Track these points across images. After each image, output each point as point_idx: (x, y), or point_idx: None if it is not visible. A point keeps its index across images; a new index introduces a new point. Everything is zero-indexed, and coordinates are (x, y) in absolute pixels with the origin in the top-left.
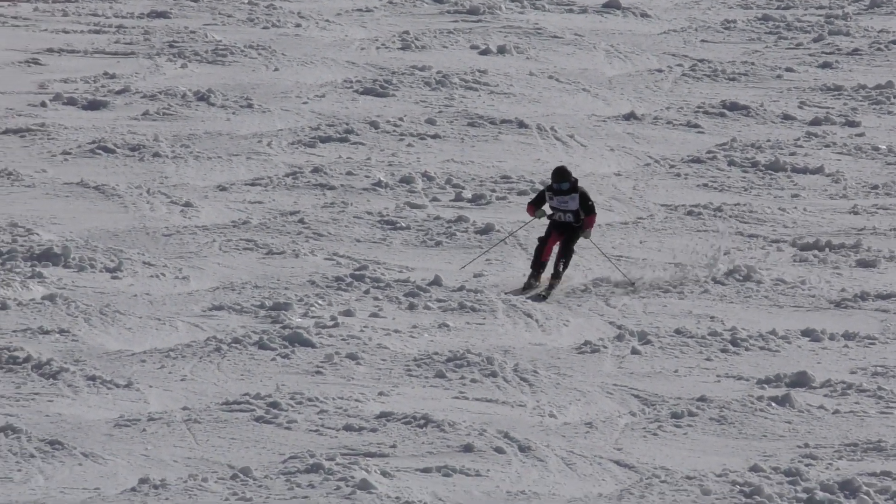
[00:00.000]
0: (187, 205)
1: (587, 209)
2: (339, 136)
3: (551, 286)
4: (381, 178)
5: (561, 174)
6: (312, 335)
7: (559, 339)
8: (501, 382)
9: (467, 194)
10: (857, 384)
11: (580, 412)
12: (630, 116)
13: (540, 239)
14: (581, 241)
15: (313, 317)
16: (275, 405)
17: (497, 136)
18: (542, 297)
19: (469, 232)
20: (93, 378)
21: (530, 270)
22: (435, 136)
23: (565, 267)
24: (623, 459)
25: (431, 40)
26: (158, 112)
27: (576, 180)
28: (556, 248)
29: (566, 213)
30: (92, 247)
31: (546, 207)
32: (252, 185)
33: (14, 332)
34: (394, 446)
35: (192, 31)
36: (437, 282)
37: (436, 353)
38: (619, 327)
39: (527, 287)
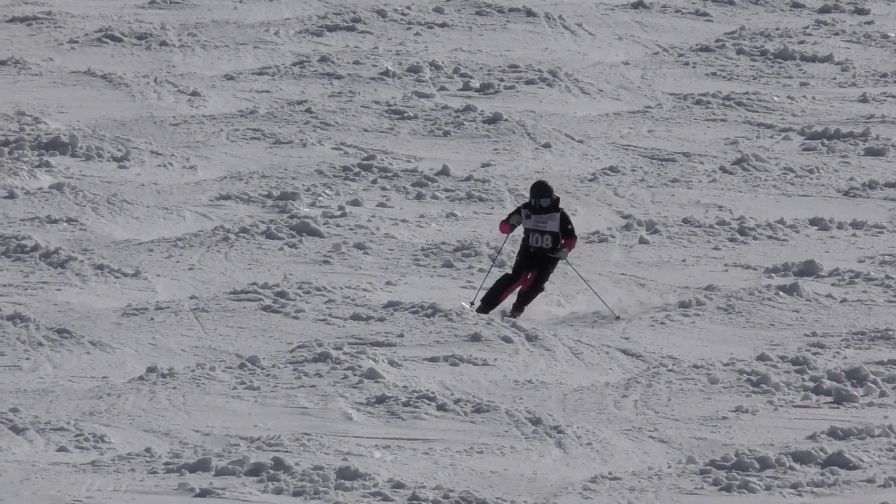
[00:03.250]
0: (194, 94)
1: (567, 233)
2: (346, 24)
3: (514, 315)
4: (389, 68)
5: (541, 189)
6: (320, 225)
7: None
8: (509, 272)
9: (475, 83)
10: (864, 273)
11: (588, 302)
12: (638, 5)
13: (504, 276)
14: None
15: (321, 206)
16: (282, 294)
17: (505, 25)
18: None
19: (477, 121)
20: (101, 267)
21: (478, 303)
22: (443, 25)
23: (527, 303)
24: (630, 349)
25: None
26: (165, 0)
27: (557, 198)
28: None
29: (543, 236)
30: (99, 136)
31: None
32: (259, 74)
33: (22, 220)
34: (401, 336)
35: None
36: (444, 171)
37: (443, 243)
38: (627, 217)
39: (479, 311)
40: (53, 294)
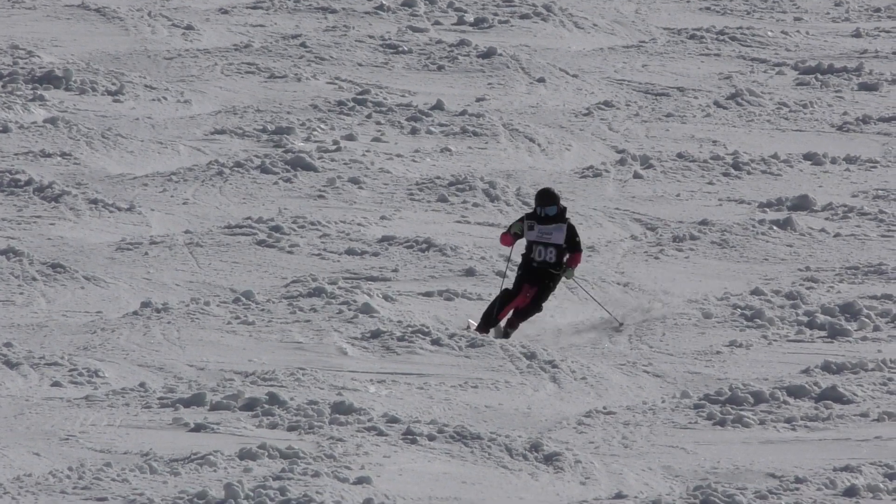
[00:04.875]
0: (189, 28)
1: (574, 246)
2: None
3: (507, 334)
4: (383, 2)
5: (547, 196)
6: (315, 159)
7: (561, 164)
8: (504, 206)
9: (469, 18)
10: (858, 207)
11: (582, 236)
12: None
13: (504, 292)
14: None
15: (315, 141)
16: (277, 229)
17: None
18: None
19: (471, 56)
20: (95, 201)
21: (477, 321)
22: None
23: (523, 319)
24: (624, 282)
25: None
26: None
27: (565, 208)
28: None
29: (548, 248)
30: (93, 70)
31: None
32: (254, 7)
33: (16, 155)
34: (396, 270)
35: None
36: (439, 106)
37: (438, 178)
38: (622, 151)
39: (478, 329)
40: (47, 228)
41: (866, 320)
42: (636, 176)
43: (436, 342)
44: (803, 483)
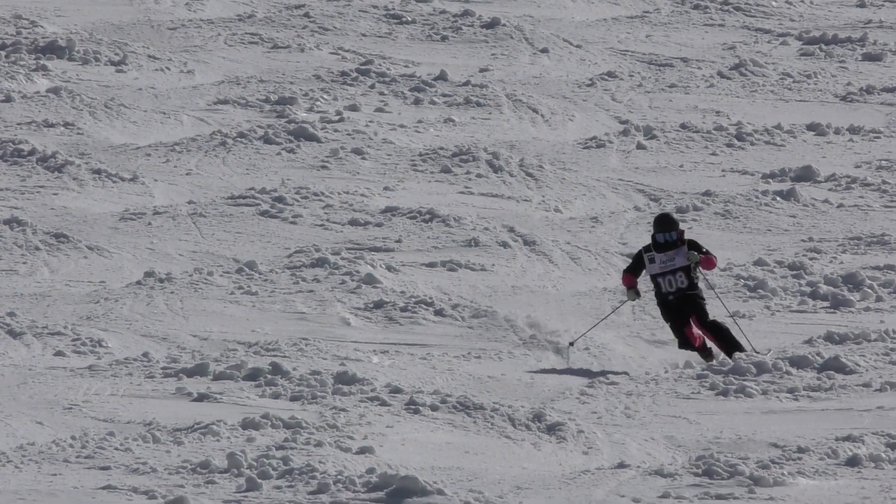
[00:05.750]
0: None
1: (703, 253)
2: None
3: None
4: None
5: (666, 222)
6: (318, 129)
7: (565, 134)
8: (507, 177)
9: None
10: (861, 178)
11: (586, 207)
12: None
13: (678, 333)
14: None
15: (319, 111)
16: (280, 199)
17: None
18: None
19: (475, 26)
20: (98, 171)
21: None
22: None
23: (736, 343)
24: (628, 253)
25: None
26: None
27: (682, 231)
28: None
29: (676, 275)
30: (97, 40)
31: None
32: None
33: (19, 124)
34: (399, 241)
35: None
36: (442, 76)
37: (441, 148)
38: (625, 122)
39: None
40: (50, 198)
41: (869, 291)
42: (639, 147)
43: (439, 313)
44: (805, 453)
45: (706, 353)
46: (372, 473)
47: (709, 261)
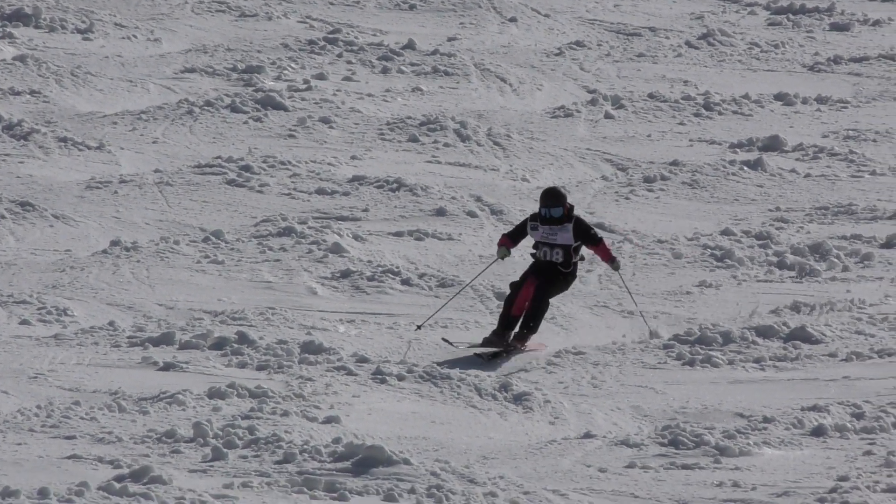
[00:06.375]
0: None
1: (590, 239)
2: None
3: (510, 347)
4: None
5: (553, 196)
6: (285, 98)
7: (533, 104)
8: (474, 147)
9: None
10: (828, 148)
11: (553, 176)
12: None
13: (512, 285)
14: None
15: (286, 80)
16: (247, 168)
17: None
18: (488, 357)
19: None
20: (64, 140)
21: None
22: None
23: (534, 327)
24: (595, 222)
25: None
26: None
27: (571, 206)
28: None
29: (553, 249)
30: (63, 7)
31: (523, 247)
32: None
33: None
34: (366, 210)
35: None
36: (410, 45)
37: (409, 118)
38: (593, 91)
39: (486, 343)
40: (16, 167)
41: (835, 260)
42: (607, 116)
43: (406, 282)
44: (771, 423)
45: (500, 335)
46: (338, 443)
47: (603, 251)
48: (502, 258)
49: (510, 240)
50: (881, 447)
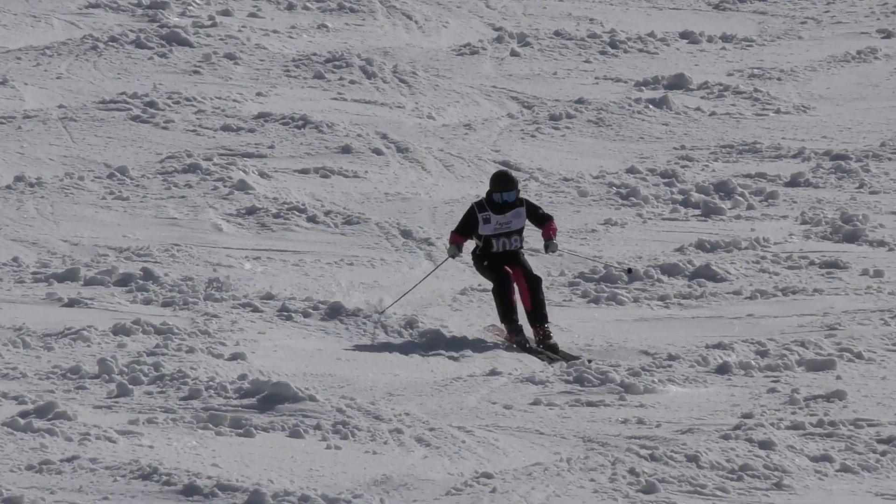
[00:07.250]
0: None
1: (541, 218)
2: None
3: (549, 339)
4: None
5: (506, 181)
6: (190, 34)
7: (438, 41)
8: (380, 84)
9: None
10: (733, 86)
11: (459, 114)
12: None
13: (497, 282)
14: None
15: (191, 16)
16: (152, 104)
17: None
18: (553, 360)
19: None
20: None
21: (504, 325)
22: None
23: (546, 315)
24: (500, 160)
25: None
26: None
27: (520, 189)
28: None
29: (511, 237)
30: None
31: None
32: None
33: None
34: (272, 147)
35: None
36: None
37: (314, 54)
38: (499, 29)
39: (519, 344)
40: None
41: (740, 199)
42: (513, 54)
43: (311, 219)
44: (676, 360)
45: (515, 324)
46: (244, 379)
47: (553, 228)
48: (453, 256)
49: (460, 236)
50: (785, 385)
